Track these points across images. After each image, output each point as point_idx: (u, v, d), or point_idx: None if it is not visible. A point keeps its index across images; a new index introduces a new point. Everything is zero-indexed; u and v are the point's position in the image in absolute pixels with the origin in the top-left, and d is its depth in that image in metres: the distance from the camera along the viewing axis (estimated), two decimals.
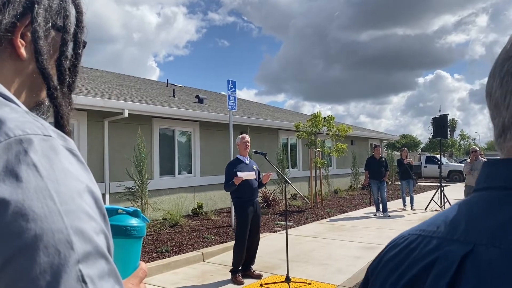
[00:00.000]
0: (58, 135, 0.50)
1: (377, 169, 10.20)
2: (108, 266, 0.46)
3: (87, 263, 0.43)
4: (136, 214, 0.94)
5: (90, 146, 8.24)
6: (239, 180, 4.95)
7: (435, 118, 11.68)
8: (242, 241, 5.10)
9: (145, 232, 0.94)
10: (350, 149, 16.45)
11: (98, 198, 0.50)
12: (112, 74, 14.72)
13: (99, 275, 0.44)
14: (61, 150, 0.48)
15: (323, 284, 4.90)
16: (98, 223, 0.47)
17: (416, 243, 0.51)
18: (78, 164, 0.50)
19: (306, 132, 11.63)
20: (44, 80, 0.58)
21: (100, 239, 0.46)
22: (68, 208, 0.44)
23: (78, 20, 0.66)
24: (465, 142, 74.30)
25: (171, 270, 5.55)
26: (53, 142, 0.48)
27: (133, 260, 0.89)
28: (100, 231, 0.47)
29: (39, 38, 0.57)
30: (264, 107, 19.49)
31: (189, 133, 10.75)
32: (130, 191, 8.17)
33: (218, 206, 10.91)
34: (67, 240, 0.42)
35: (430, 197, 11.58)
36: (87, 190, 0.48)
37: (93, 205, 0.48)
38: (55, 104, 0.60)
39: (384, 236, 7.45)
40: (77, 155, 0.51)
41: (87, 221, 0.45)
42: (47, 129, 0.49)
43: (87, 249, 0.44)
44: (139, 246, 0.92)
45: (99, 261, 0.45)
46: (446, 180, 21.56)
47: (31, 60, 0.59)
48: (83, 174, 0.49)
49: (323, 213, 10.27)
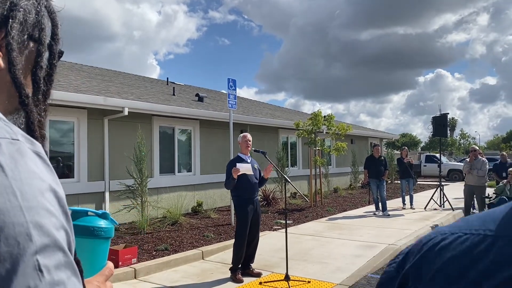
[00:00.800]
0: (26, 139, 0.55)
1: (377, 168, 10.21)
2: (65, 259, 0.50)
3: (45, 254, 0.47)
4: (105, 216, 0.99)
5: (90, 144, 8.24)
6: (236, 171, 4.95)
7: (435, 117, 11.69)
8: (242, 239, 5.11)
9: (113, 233, 0.99)
10: (350, 148, 16.45)
11: (60, 197, 0.53)
12: (112, 72, 14.71)
13: (56, 266, 0.48)
14: (27, 153, 0.52)
15: (322, 283, 4.91)
16: (58, 220, 0.51)
17: (486, 244, 0.46)
18: (43, 166, 0.54)
19: (306, 130, 11.63)
20: (16, 88, 0.62)
21: (59, 234, 0.50)
22: (29, 204, 0.48)
23: (54, 32, 0.70)
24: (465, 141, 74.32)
25: (171, 268, 5.56)
26: (20, 146, 0.52)
27: (100, 259, 0.94)
28: (60, 227, 0.51)
29: (12, 50, 0.61)
30: (264, 106, 19.49)
31: (189, 131, 10.76)
32: (130, 189, 8.18)
33: (218, 204, 10.92)
34: (27, 233, 0.46)
35: (429, 196, 11.59)
36: (50, 190, 0.52)
37: (55, 204, 0.52)
38: (26, 111, 0.64)
39: (383, 235, 7.46)
40: (43, 158, 0.55)
41: (47, 216, 0.49)
42: (16, 133, 0.53)
43: (45, 241, 0.48)
44: (106, 246, 0.98)
45: (57, 253, 0.49)
46: (445, 179, 21.58)
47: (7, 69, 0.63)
48: (47, 175, 0.53)
49: (322, 212, 10.28)
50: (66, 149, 8.11)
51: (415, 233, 7.53)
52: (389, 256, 6.06)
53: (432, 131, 11.74)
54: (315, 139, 11.61)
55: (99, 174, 8.35)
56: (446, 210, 10.52)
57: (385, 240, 7.03)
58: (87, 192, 8.06)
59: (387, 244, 6.68)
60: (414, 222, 8.75)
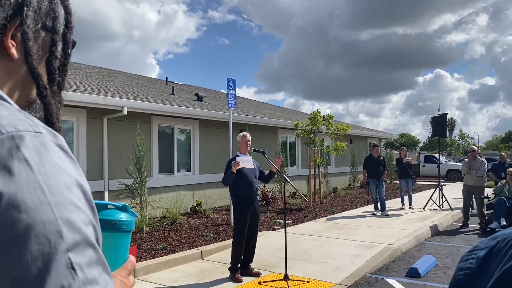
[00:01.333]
0: (49, 132, 0.53)
1: (376, 168, 10.23)
2: (96, 255, 0.49)
3: (76, 252, 0.46)
4: (125, 209, 0.97)
5: (89, 143, 8.23)
6: (236, 165, 4.94)
7: (434, 117, 11.70)
8: (241, 239, 5.11)
9: (134, 226, 0.97)
10: (349, 148, 16.46)
11: (87, 191, 0.52)
12: (112, 71, 14.70)
13: (88, 263, 0.47)
14: (51, 146, 0.51)
15: (321, 282, 4.91)
16: (86, 215, 0.50)
17: None
18: (68, 159, 0.52)
19: (305, 130, 11.63)
20: (34, 79, 0.60)
21: (88, 229, 0.49)
22: (57, 200, 0.47)
23: (67, 20, 0.68)
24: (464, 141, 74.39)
25: (170, 268, 5.56)
26: (43, 138, 0.50)
27: (122, 253, 0.92)
28: (88, 223, 0.50)
29: (28, 40, 0.59)
30: (264, 106, 19.49)
31: (188, 131, 10.75)
32: (129, 188, 8.17)
33: (217, 204, 10.92)
34: (57, 230, 0.45)
35: (428, 196, 11.60)
36: (76, 184, 0.51)
37: (82, 198, 0.51)
38: (45, 103, 0.62)
39: (382, 235, 7.47)
40: (67, 151, 0.53)
41: (75, 212, 0.48)
42: (38, 126, 0.52)
43: (76, 238, 0.46)
44: (128, 239, 0.96)
45: (88, 250, 0.48)
46: (444, 179, 21.61)
47: (22, 60, 0.61)
48: (72, 168, 0.52)
49: (321, 212, 10.28)
50: None
51: (414, 233, 7.54)
52: (388, 256, 6.07)
53: (431, 131, 11.77)
54: (314, 139, 11.62)
55: (98, 174, 8.34)
56: (445, 210, 10.53)
57: (384, 240, 7.04)
58: None
59: (386, 244, 6.68)
60: (413, 222, 8.75)
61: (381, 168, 10.27)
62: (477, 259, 0.52)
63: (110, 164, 8.51)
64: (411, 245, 6.96)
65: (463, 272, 0.54)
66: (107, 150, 8.48)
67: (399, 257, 6.30)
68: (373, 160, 10.35)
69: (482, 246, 0.54)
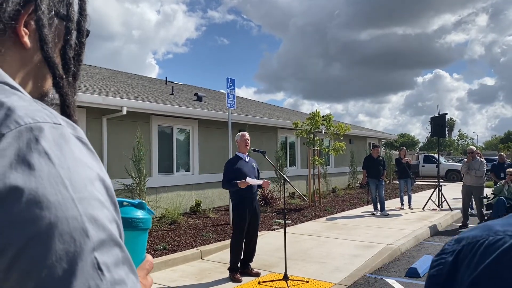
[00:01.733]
0: (68, 124, 0.50)
1: (375, 168, 10.23)
2: (122, 254, 0.46)
3: (102, 251, 0.43)
4: (142, 206, 0.93)
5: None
6: (245, 184, 4.96)
7: (434, 117, 11.71)
8: (239, 238, 5.11)
9: (151, 224, 0.93)
10: (349, 148, 16.45)
11: (109, 186, 0.50)
12: (111, 71, 14.69)
13: (115, 263, 0.44)
14: (71, 138, 0.48)
15: (321, 282, 4.91)
16: (110, 211, 0.47)
17: None
18: (88, 153, 0.50)
19: (304, 130, 11.63)
20: (50, 69, 0.58)
21: (113, 227, 0.47)
22: (81, 195, 0.44)
23: (81, 8, 0.65)
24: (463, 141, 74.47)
25: (169, 268, 5.55)
26: (63, 130, 0.48)
27: (139, 252, 0.88)
28: (112, 220, 0.47)
29: (43, 26, 0.56)
30: (263, 106, 19.48)
31: (188, 131, 10.75)
32: (129, 188, 8.16)
33: (216, 204, 10.92)
34: (82, 228, 0.43)
35: (428, 196, 11.61)
36: (98, 178, 0.48)
37: (105, 193, 0.48)
38: (62, 93, 0.59)
39: (382, 235, 7.47)
40: (87, 144, 0.51)
41: (100, 208, 0.45)
42: (56, 117, 0.49)
43: (102, 236, 0.44)
44: (145, 238, 0.92)
45: (114, 249, 0.45)
46: (444, 179, 21.62)
47: (35, 49, 0.58)
48: (93, 162, 0.49)
49: (321, 212, 10.28)
50: None
51: (413, 233, 7.54)
52: (387, 256, 6.07)
53: (430, 132, 11.75)
54: (314, 139, 11.62)
55: None
56: (444, 210, 10.54)
57: (383, 240, 7.04)
58: None
59: (385, 244, 6.68)
60: (412, 222, 8.75)
61: (380, 168, 10.28)
62: (445, 264, 0.52)
63: (109, 164, 8.50)
64: (411, 245, 6.96)
65: (433, 281, 0.53)
66: (106, 150, 8.47)
67: (398, 257, 6.30)
68: (373, 160, 10.36)
69: (449, 249, 0.53)
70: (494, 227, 0.49)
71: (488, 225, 0.51)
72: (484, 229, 0.50)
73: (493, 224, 0.50)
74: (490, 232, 0.49)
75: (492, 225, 0.50)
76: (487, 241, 0.48)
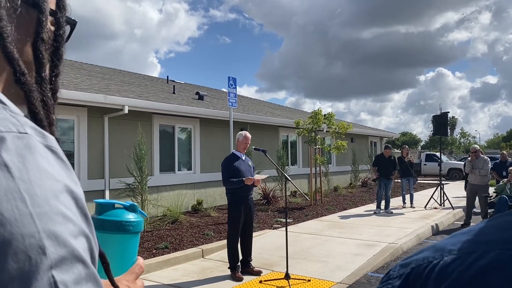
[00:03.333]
0: (36, 132, 0.47)
1: (386, 168, 10.26)
2: (85, 271, 0.44)
3: (61, 268, 0.41)
4: (133, 209, 0.91)
5: (90, 142, 8.23)
6: (251, 180, 5.04)
7: (436, 116, 11.68)
8: (235, 236, 5.13)
9: (143, 227, 0.90)
10: (350, 146, 16.45)
11: (78, 197, 0.47)
12: (113, 70, 14.70)
13: (75, 281, 0.42)
14: (37, 148, 0.45)
15: (322, 281, 4.91)
16: (76, 225, 0.45)
17: None
18: (58, 163, 0.47)
19: (306, 129, 11.62)
20: (9, 64, 0.52)
21: (78, 242, 0.44)
22: (41, 210, 0.41)
23: None
24: (465, 140, 74.31)
25: (171, 267, 5.56)
26: (29, 140, 0.45)
27: (130, 256, 0.87)
28: (79, 233, 0.45)
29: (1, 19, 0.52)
30: (264, 104, 19.47)
31: (189, 129, 10.75)
32: (130, 187, 8.17)
33: (218, 203, 10.92)
34: (39, 245, 0.40)
35: (429, 195, 11.58)
36: (66, 190, 0.45)
37: (73, 206, 0.45)
38: (24, 90, 0.53)
39: (383, 234, 7.46)
40: (57, 152, 0.48)
41: (62, 223, 0.43)
42: (23, 125, 0.46)
43: (62, 253, 0.41)
44: (136, 241, 0.90)
45: (75, 266, 0.42)
46: (446, 178, 21.58)
47: None
48: (62, 173, 0.46)
49: (322, 210, 10.28)
50: (66, 147, 8.10)
51: (415, 232, 7.53)
52: (389, 254, 6.06)
53: (432, 130, 11.73)
54: (315, 137, 11.60)
55: (99, 172, 8.34)
56: (446, 209, 10.51)
57: (385, 239, 7.03)
58: (87, 190, 8.04)
59: (387, 243, 6.67)
60: (414, 221, 8.74)
61: (391, 168, 10.31)
62: None
63: (111, 162, 8.51)
64: (412, 244, 6.95)
65: None
66: (108, 149, 8.48)
67: (400, 256, 6.29)
68: (384, 160, 10.37)
69: (395, 274, 0.48)
70: (446, 246, 0.46)
71: (439, 245, 0.47)
72: (434, 249, 0.46)
73: (444, 243, 0.47)
74: (444, 252, 0.45)
75: (443, 245, 0.47)
76: (442, 261, 0.44)
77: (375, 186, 11.95)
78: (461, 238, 0.46)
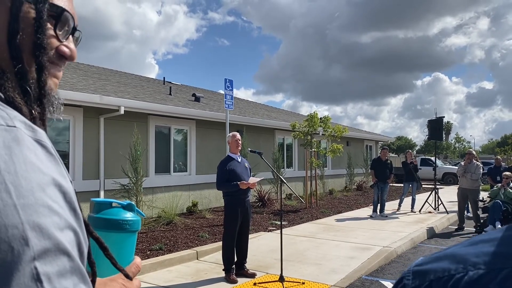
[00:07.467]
0: (26, 126, 0.47)
1: (382, 171, 10.24)
2: (70, 264, 0.43)
3: (45, 260, 0.41)
4: (130, 208, 0.92)
5: (85, 142, 8.20)
6: (246, 185, 5.00)
7: (431, 120, 11.74)
8: (231, 238, 5.11)
9: (140, 226, 0.91)
10: (346, 150, 16.48)
11: (67, 191, 0.47)
12: (109, 71, 14.66)
13: (58, 273, 0.42)
14: (25, 141, 0.45)
15: (316, 284, 4.91)
16: (63, 218, 0.44)
17: None
18: (47, 157, 0.47)
19: (302, 132, 11.64)
20: None
21: (64, 235, 0.44)
22: (25, 202, 0.41)
23: None
24: (460, 145, 74.67)
25: (165, 268, 5.54)
26: (17, 133, 0.45)
27: (127, 255, 0.87)
28: (65, 227, 0.44)
29: None
30: (261, 107, 19.49)
31: (185, 131, 10.73)
32: (125, 188, 8.14)
33: (213, 204, 10.90)
34: (22, 236, 0.40)
35: (424, 199, 11.63)
36: (53, 183, 0.45)
37: (60, 199, 0.45)
38: None
39: (378, 237, 7.47)
40: (47, 147, 0.48)
41: (48, 215, 0.43)
42: (12, 119, 0.46)
43: (46, 245, 0.41)
44: (133, 240, 0.90)
45: (60, 258, 0.42)
46: (440, 182, 21.67)
47: None
48: (51, 166, 0.47)
49: (317, 213, 10.28)
50: (61, 147, 8.06)
51: (409, 236, 7.55)
52: (383, 258, 6.08)
53: (427, 135, 11.79)
54: (311, 140, 11.62)
55: (94, 173, 8.31)
56: (441, 213, 10.56)
57: (379, 242, 7.04)
58: (82, 191, 8.01)
59: (381, 246, 6.69)
60: (409, 225, 8.77)
61: (387, 171, 10.29)
62: None
63: (106, 163, 8.48)
64: (407, 248, 6.96)
65: None
66: (103, 150, 8.45)
67: (394, 259, 6.30)
68: (380, 163, 10.35)
69: (411, 285, 0.45)
70: (469, 258, 0.42)
71: (459, 255, 0.43)
72: (454, 260, 0.42)
73: (465, 253, 0.43)
74: (466, 265, 0.41)
75: (463, 254, 0.43)
76: (467, 276, 0.40)
77: (371, 190, 11.96)
78: (483, 249, 0.42)
